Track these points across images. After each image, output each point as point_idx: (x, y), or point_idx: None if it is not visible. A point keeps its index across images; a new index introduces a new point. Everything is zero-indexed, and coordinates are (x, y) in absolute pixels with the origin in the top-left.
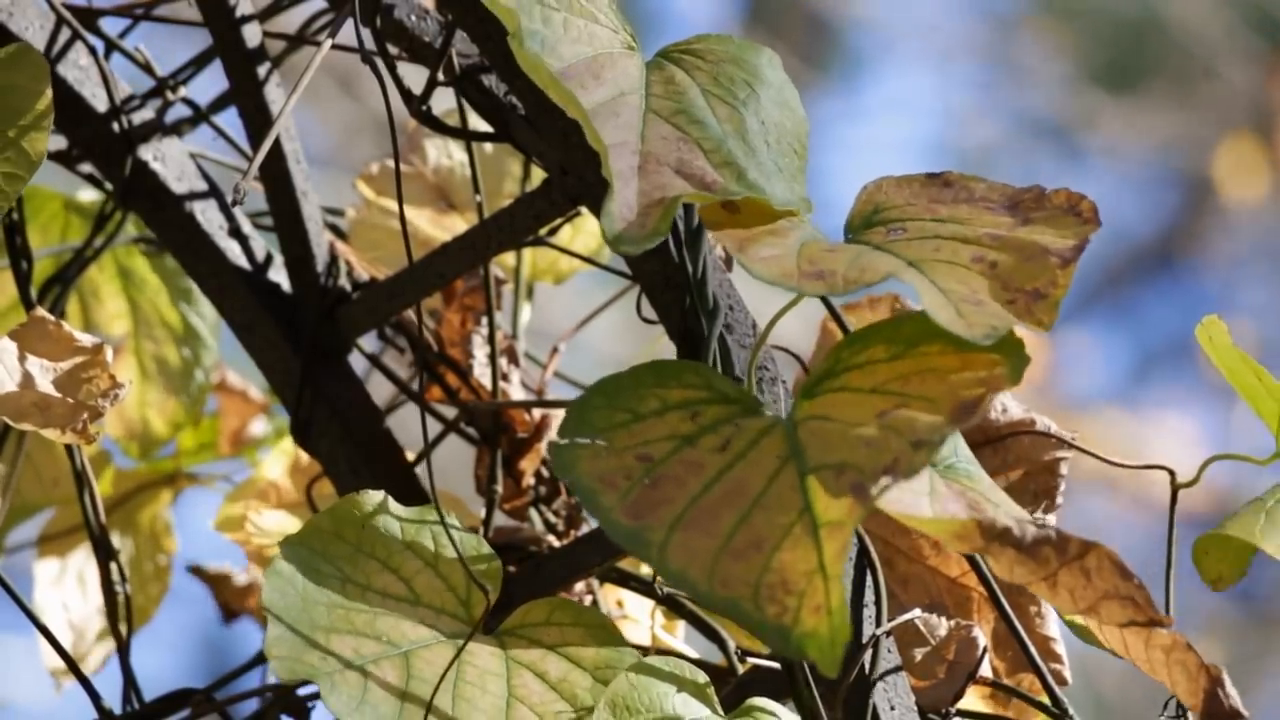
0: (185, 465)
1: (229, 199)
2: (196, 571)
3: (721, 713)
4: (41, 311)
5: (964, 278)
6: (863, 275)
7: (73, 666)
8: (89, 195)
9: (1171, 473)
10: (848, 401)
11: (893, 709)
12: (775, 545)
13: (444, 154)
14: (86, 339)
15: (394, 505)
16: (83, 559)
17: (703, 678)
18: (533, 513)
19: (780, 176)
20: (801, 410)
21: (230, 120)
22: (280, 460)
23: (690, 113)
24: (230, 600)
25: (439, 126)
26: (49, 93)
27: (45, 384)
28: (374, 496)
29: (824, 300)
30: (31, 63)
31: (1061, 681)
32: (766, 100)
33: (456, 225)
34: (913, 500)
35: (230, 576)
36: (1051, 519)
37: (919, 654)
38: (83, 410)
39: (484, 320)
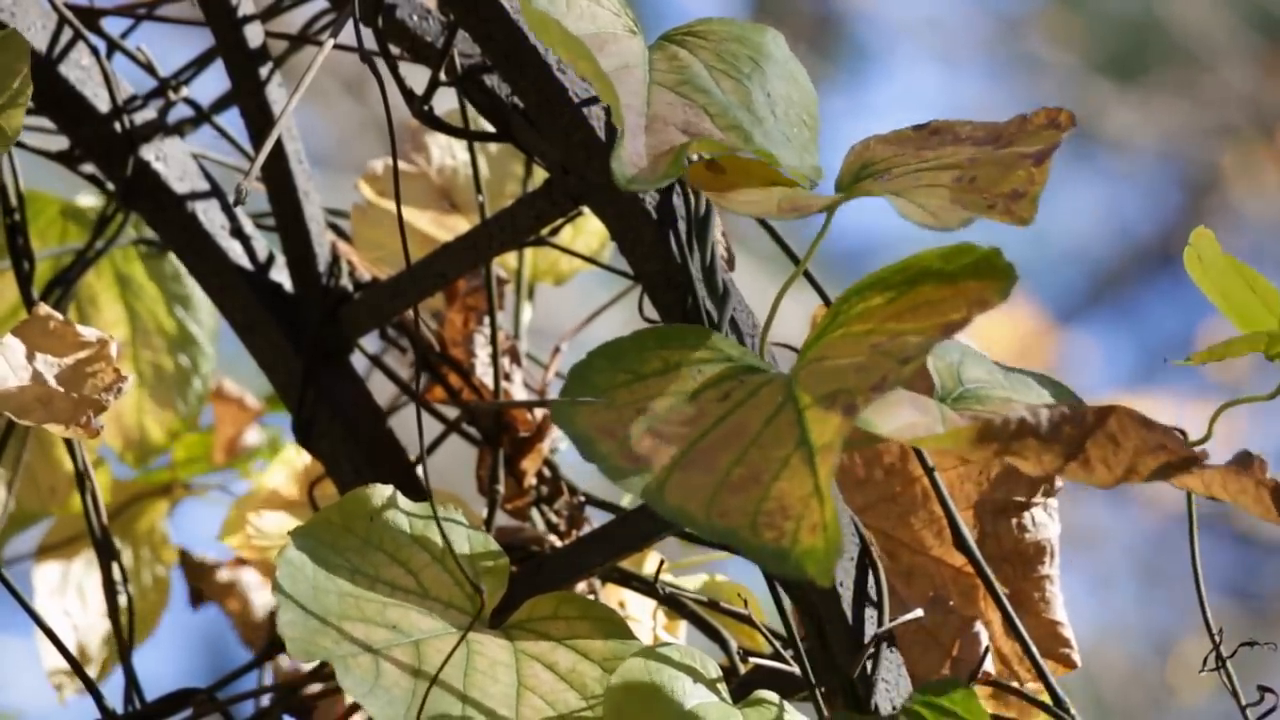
0: (180, 476)
1: (231, 199)
2: (183, 557)
3: (730, 701)
4: (45, 308)
5: (942, 195)
6: (836, 197)
7: (75, 666)
8: (87, 201)
9: (1184, 433)
10: (844, 343)
11: (895, 709)
12: (773, 476)
13: (448, 154)
14: (90, 334)
15: (403, 500)
16: (82, 571)
17: (715, 670)
18: (534, 513)
19: (790, 146)
20: (801, 361)
21: (232, 120)
22: (283, 469)
23: (695, 83)
24: (204, 588)
25: (441, 126)
26: (27, 70)
27: (49, 379)
28: (383, 490)
29: (815, 285)
30: (14, 44)
31: (1071, 665)
32: (772, 75)
33: (459, 226)
34: (927, 427)
35: (215, 569)
36: (1054, 502)
37: (921, 651)
38: (86, 405)
39: (486, 320)
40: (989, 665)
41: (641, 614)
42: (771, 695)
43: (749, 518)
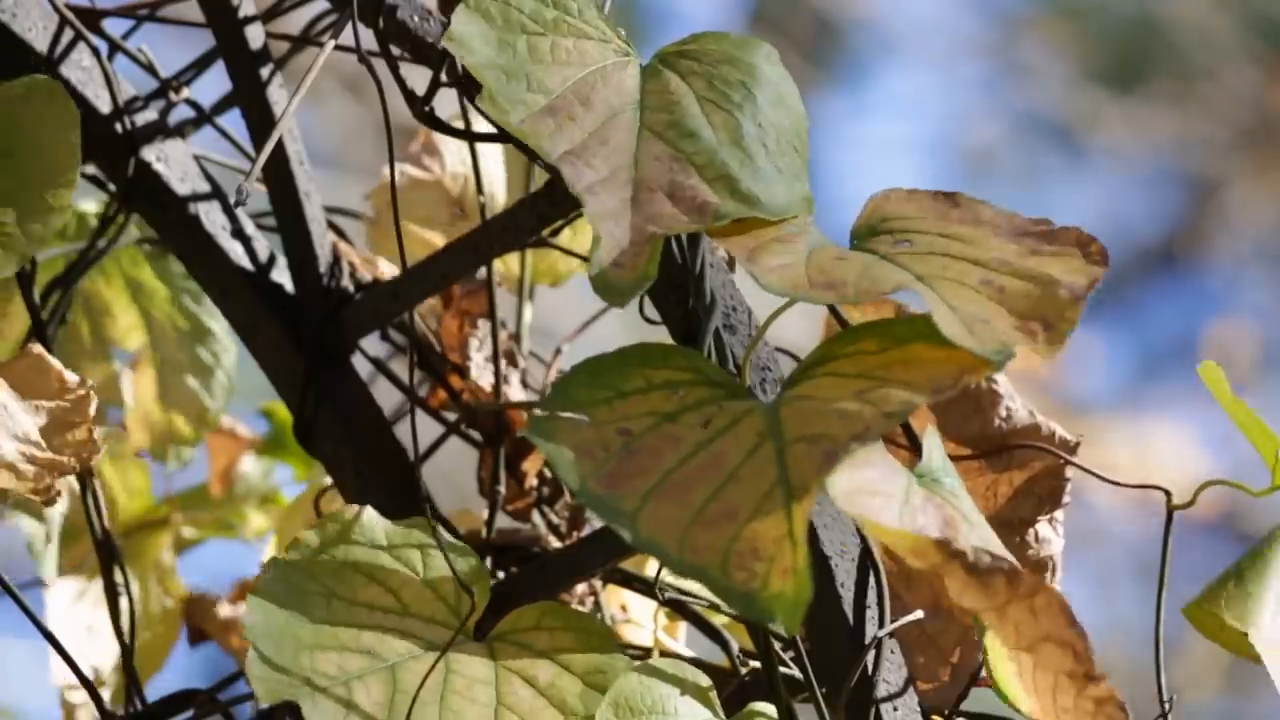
0: (180, 508)
1: (232, 200)
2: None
3: (723, 716)
4: (38, 347)
5: (972, 298)
6: (874, 286)
7: (74, 666)
8: (89, 205)
9: (1168, 493)
10: (831, 385)
11: (895, 710)
12: (749, 516)
13: (459, 160)
14: (74, 379)
15: (379, 518)
16: (90, 611)
17: (705, 681)
18: (536, 514)
19: (780, 179)
20: (785, 395)
21: (233, 121)
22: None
23: (683, 125)
24: (204, 625)
25: (442, 127)
26: (77, 140)
27: (29, 426)
28: (358, 509)
29: (829, 306)
30: (60, 105)
31: None
32: (764, 101)
33: None
34: (882, 504)
35: (214, 604)
36: (1059, 515)
37: (922, 656)
38: (54, 469)
39: (480, 323)
40: None
41: (643, 616)
42: (766, 706)
43: (720, 556)
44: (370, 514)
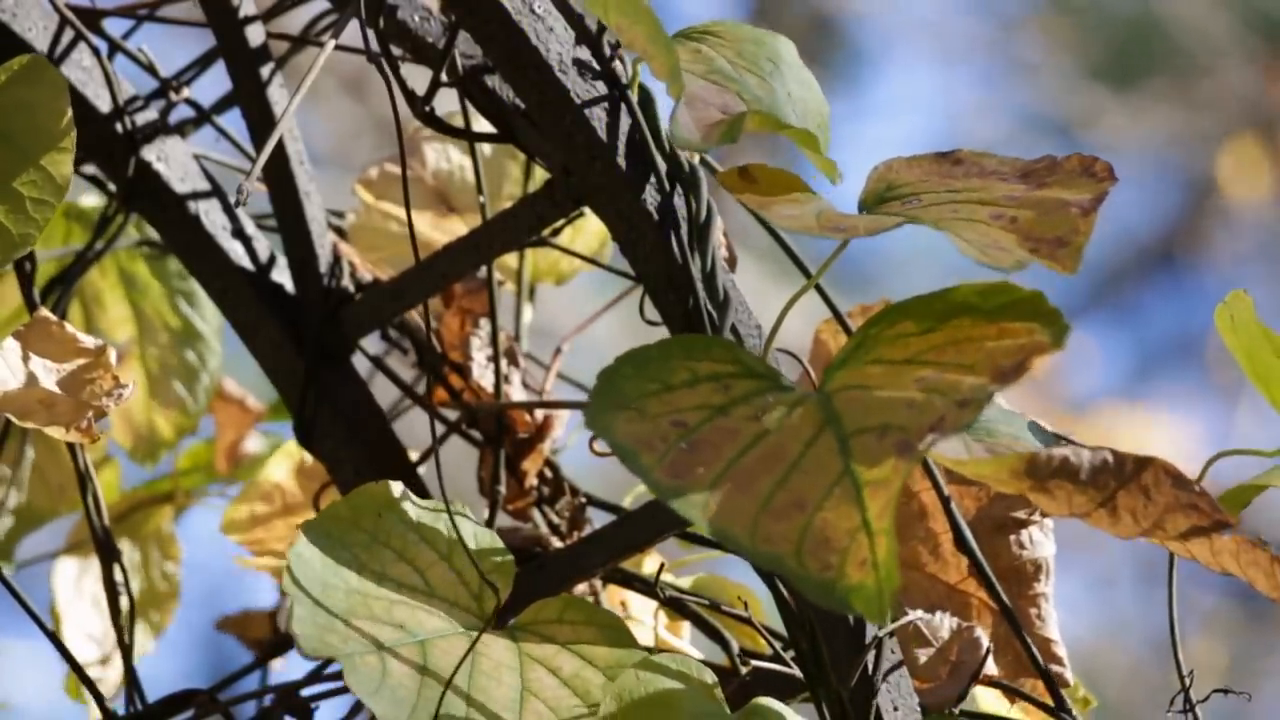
0: (183, 485)
1: (232, 200)
2: (224, 625)
3: (728, 711)
4: (45, 312)
5: (983, 230)
6: (882, 224)
7: (74, 665)
8: (90, 201)
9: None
10: (881, 372)
11: (896, 709)
12: (816, 506)
13: (443, 157)
14: (89, 340)
15: (411, 497)
16: (96, 583)
17: (710, 677)
18: (536, 514)
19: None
20: (832, 383)
21: (234, 121)
22: (284, 463)
23: (723, 72)
24: (258, 634)
25: (442, 127)
26: (69, 110)
27: (49, 384)
28: (392, 486)
29: (826, 300)
30: (48, 79)
31: (1063, 684)
32: (790, 78)
33: (456, 228)
34: (954, 453)
35: (251, 615)
36: (1049, 522)
37: (922, 655)
38: (87, 409)
39: (482, 322)
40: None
41: (643, 615)
42: (770, 702)
43: (793, 545)
44: (404, 491)
